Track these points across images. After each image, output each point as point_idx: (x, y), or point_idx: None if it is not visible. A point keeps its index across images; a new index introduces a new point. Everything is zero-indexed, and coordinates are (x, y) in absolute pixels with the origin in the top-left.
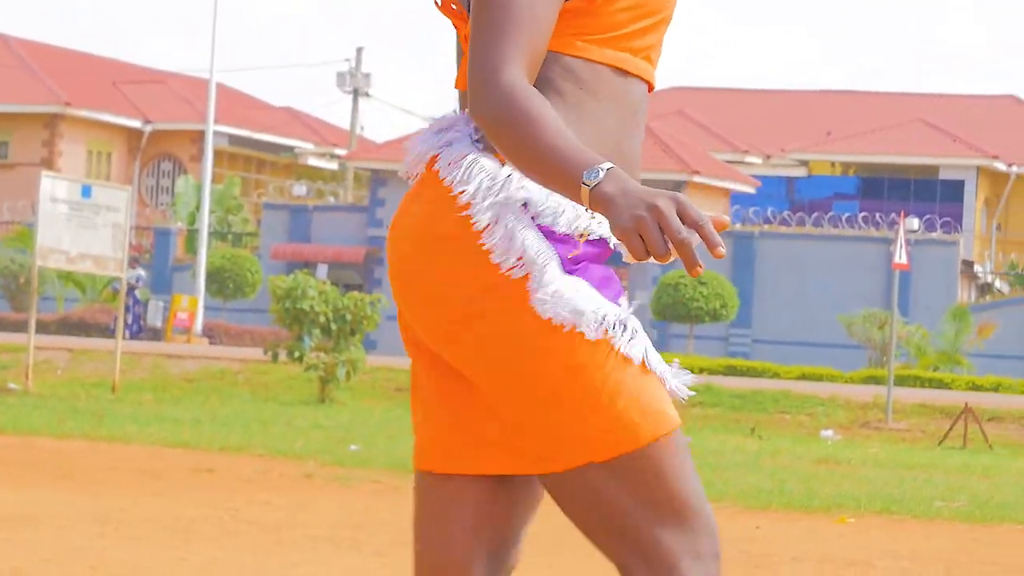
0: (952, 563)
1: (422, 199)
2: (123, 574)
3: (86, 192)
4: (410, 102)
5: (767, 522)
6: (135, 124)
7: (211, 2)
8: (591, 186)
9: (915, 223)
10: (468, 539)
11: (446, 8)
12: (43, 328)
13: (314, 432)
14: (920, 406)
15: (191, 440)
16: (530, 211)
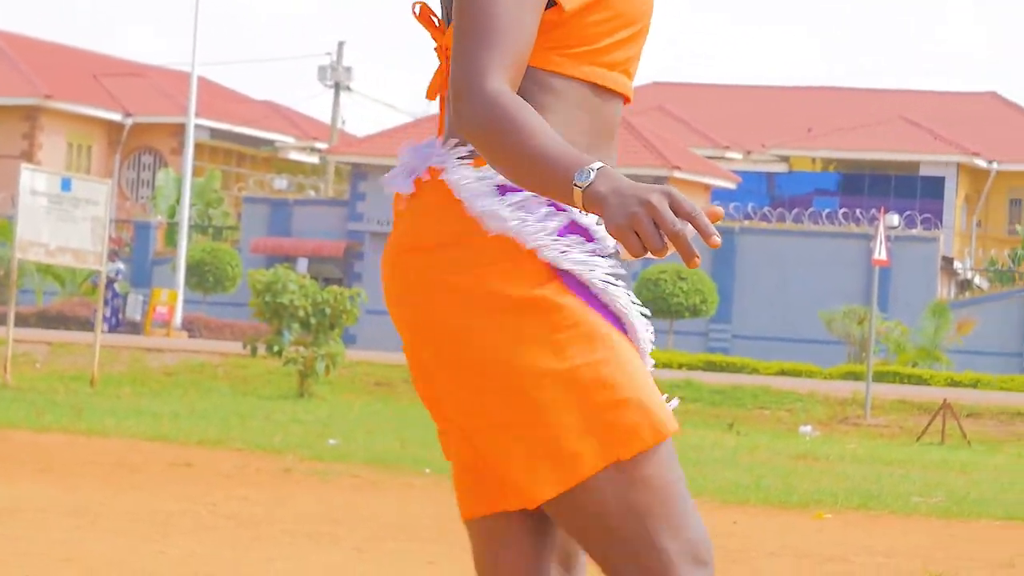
0: (929, 559)
1: (405, 217)
2: (101, 567)
3: (66, 185)
4: (391, 96)
5: (745, 517)
6: (115, 117)
7: None
8: (583, 187)
9: (895, 219)
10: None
11: (424, 18)
12: (22, 321)
13: (293, 426)
14: (899, 402)
15: (170, 434)
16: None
